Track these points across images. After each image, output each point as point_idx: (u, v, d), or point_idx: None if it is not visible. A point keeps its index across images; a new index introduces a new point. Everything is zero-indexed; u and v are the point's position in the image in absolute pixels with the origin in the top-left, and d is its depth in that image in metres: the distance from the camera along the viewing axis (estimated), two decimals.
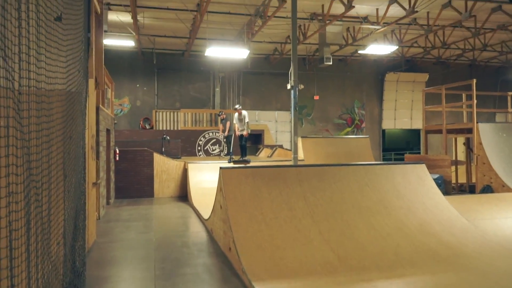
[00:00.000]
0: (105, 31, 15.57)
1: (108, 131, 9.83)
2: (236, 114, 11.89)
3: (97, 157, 7.96)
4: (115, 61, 18.97)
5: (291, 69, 11.31)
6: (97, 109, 7.86)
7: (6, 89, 2.11)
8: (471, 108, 10.91)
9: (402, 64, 22.01)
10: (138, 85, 20.50)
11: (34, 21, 2.64)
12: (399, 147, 28.00)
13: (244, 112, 11.79)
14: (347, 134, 22.46)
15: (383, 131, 23.98)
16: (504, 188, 9.39)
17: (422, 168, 6.42)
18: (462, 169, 12.30)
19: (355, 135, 22.25)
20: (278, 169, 6.08)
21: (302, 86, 11.31)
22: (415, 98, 23.65)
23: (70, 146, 3.86)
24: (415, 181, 6.21)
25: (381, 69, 23.03)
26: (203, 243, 6.28)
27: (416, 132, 27.00)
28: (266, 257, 4.63)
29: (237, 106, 12.07)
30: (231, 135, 13.61)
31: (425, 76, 23.44)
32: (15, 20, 2.29)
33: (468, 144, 11.99)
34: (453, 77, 22.51)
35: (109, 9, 14.16)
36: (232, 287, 4.36)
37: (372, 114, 23.41)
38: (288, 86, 11.30)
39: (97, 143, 7.89)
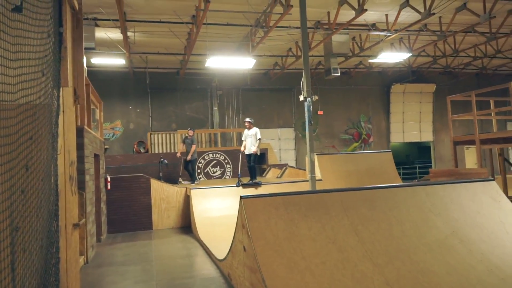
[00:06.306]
0: (93, 49, 14.36)
1: (96, 156, 8.44)
2: (246, 130, 10.53)
3: (83, 188, 6.56)
4: (106, 82, 17.71)
5: (303, 79, 10.09)
6: (81, 130, 6.51)
7: None
8: (507, 116, 9.69)
9: (409, 74, 20.97)
10: (130, 107, 19.20)
11: None
12: (399, 161, 26.84)
13: (255, 128, 10.43)
14: (354, 149, 21.21)
15: None
16: None
17: (494, 186, 5.10)
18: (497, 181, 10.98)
19: (363, 150, 20.99)
20: (315, 195, 4.72)
21: (316, 97, 10.06)
22: (423, 110, 22.61)
23: (26, 182, 2.50)
24: (489, 204, 4.87)
25: (386, 81, 21.99)
26: None
27: (415, 145, 25.76)
28: None
29: (248, 119, 10.70)
30: (195, 160, 12.30)
31: (432, 87, 22.42)
32: None
33: (503, 155, 10.74)
34: (461, 87, 21.51)
35: (96, 25, 12.94)
36: None
37: (379, 127, 22.22)
38: (301, 98, 10.05)
39: (82, 172, 6.51)
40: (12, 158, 2.31)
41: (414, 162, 27.45)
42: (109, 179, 9.82)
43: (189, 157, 12.04)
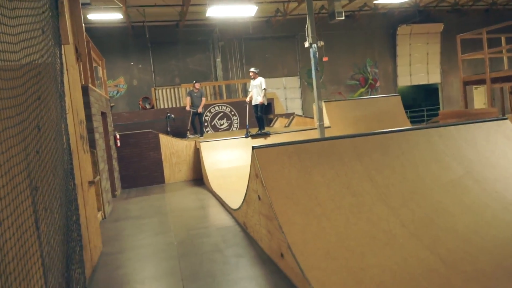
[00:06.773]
0: (88, 4, 13.87)
1: (103, 114, 8.41)
2: (251, 80, 10.37)
3: (94, 147, 6.59)
4: (105, 39, 17.29)
5: (308, 24, 9.76)
6: (86, 89, 6.42)
7: None
8: None
9: (416, 14, 20.22)
10: (132, 63, 18.90)
11: None
12: (406, 105, 26.51)
13: (260, 78, 10.24)
14: (361, 95, 20.96)
15: None
16: None
17: (508, 125, 5.04)
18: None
19: (370, 95, 20.74)
20: (328, 142, 4.69)
21: (322, 43, 9.77)
22: (431, 51, 22.03)
23: (39, 142, 2.48)
24: (503, 143, 4.83)
25: (392, 22, 21.26)
26: (239, 244, 4.97)
27: (421, 87, 25.31)
28: (341, 268, 3.30)
29: (252, 69, 10.49)
30: (203, 113, 12.55)
31: (439, 26, 21.67)
32: None
33: None
34: (469, 25, 20.72)
35: None
36: None
37: (386, 71, 21.81)
38: (306, 44, 9.78)
39: (91, 130, 6.50)
40: (23, 119, 2.27)
41: (421, 105, 27.15)
42: (118, 136, 9.84)
43: (200, 110, 12.26)
